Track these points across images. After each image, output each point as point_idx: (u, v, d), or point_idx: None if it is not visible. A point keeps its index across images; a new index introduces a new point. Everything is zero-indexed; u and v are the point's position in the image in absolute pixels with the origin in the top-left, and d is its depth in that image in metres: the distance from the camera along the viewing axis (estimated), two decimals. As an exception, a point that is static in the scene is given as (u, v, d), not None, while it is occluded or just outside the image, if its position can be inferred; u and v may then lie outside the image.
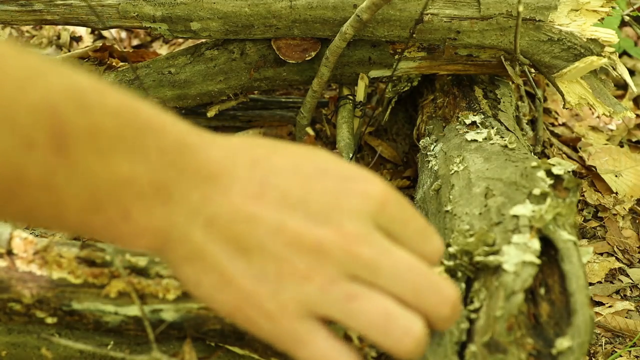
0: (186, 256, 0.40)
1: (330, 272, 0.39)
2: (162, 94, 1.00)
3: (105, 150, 0.36)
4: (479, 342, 0.55)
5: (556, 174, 0.66)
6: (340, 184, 0.41)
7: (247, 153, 0.41)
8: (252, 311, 0.40)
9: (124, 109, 0.37)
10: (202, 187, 0.39)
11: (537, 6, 0.87)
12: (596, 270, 1.04)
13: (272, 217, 0.39)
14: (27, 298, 0.58)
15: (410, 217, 0.42)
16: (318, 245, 0.39)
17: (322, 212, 0.39)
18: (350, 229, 0.39)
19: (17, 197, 0.35)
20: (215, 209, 0.39)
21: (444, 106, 0.99)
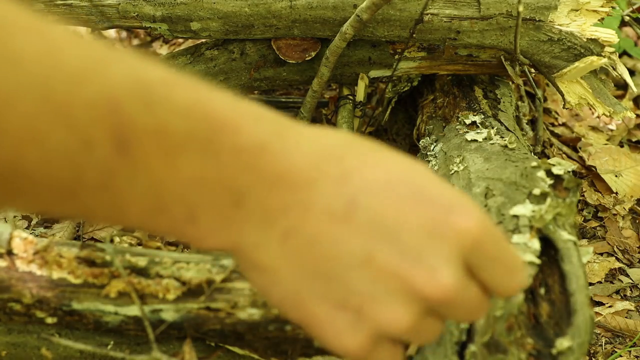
0: (257, 265, 0.37)
1: (413, 316, 0.37)
2: None
3: (171, 150, 0.33)
4: (479, 342, 0.55)
5: (556, 174, 0.66)
6: (437, 213, 0.36)
7: (336, 164, 0.36)
8: (326, 335, 0.38)
9: (195, 106, 0.34)
10: (281, 196, 0.35)
11: (537, 6, 0.87)
12: (596, 270, 1.04)
13: (359, 246, 0.35)
14: (27, 298, 0.58)
15: (501, 254, 0.39)
16: (407, 288, 0.36)
17: (415, 248, 0.36)
18: (444, 277, 0.36)
19: (76, 196, 0.32)
20: (295, 223, 0.35)
21: (444, 106, 0.99)
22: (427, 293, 0.35)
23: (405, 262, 0.35)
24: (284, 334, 0.58)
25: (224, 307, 0.58)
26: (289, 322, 0.57)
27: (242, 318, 0.58)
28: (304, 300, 0.37)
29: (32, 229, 1.00)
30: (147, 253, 0.59)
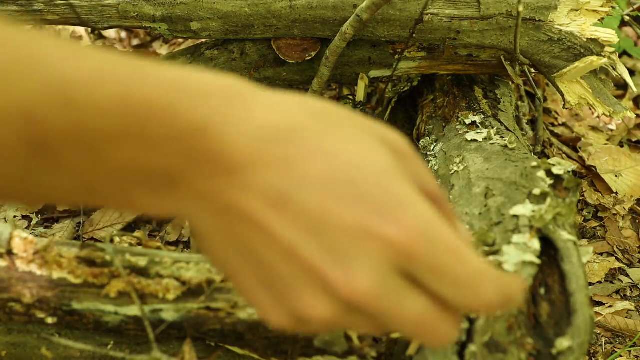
0: (197, 233, 0.38)
1: (333, 312, 0.37)
2: None
3: (95, 146, 0.33)
4: (479, 342, 0.55)
5: (556, 174, 0.66)
6: (371, 218, 0.35)
7: (281, 149, 0.35)
8: (252, 304, 0.39)
9: (124, 99, 0.33)
10: (218, 179, 0.35)
11: (537, 6, 0.87)
12: (596, 270, 1.04)
13: (286, 236, 0.36)
14: (27, 298, 0.58)
15: (447, 267, 0.36)
16: (323, 284, 0.36)
17: (339, 248, 0.36)
18: (362, 281, 0.35)
19: (5, 189, 0.34)
20: (230, 204, 0.36)
21: (444, 106, 0.99)
22: (343, 294, 0.36)
23: (326, 260, 0.36)
24: (284, 333, 0.58)
25: (224, 307, 0.58)
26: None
27: (242, 318, 0.58)
28: (235, 271, 0.38)
29: (32, 229, 1.00)
30: (147, 253, 0.59)
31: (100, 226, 1.01)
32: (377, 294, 0.36)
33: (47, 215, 1.04)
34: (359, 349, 0.58)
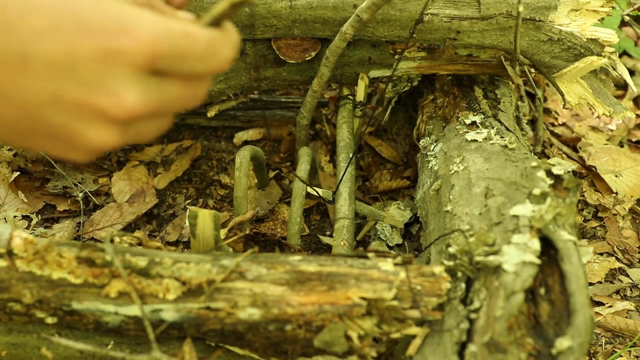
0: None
1: (117, 133, 0.41)
2: None
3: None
4: (479, 342, 0.55)
5: (556, 174, 0.66)
6: (104, 41, 0.39)
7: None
8: (54, 154, 0.43)
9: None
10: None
11: (537, 6, 0.87)
12: (596, 270, 1.04)
13: (43, 88, 0.39)
14: (27, 298, 0.58)
15: (186, 50, 0.41)
16: (101, 112, 0.40)
17: (94, 78, 0.39)
18: (127, 98, 0.39)
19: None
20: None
21: (444, 106, 0.99)
22: (118, 115, 0.40)
23: (88, 93, 0.39)
24: (283, 333, 0.58)
25: (224, 307, 0.58)
26: (289, 322, 0.57)
27: (242, 318, 0.58)
28: (20, 137, 0.41)
29: (32, 229, 1.00)
30: (147, 253, 0.59)
31: (100, 226, 1.01)
32: (143, 100, 0.40)
33: (47, 215, 1.04)
34: (359, 349, 0.58)
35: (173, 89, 0.42)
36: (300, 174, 0.91)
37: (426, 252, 0.75)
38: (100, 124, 0.40)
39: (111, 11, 0.40)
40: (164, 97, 0.42)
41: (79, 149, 0.42)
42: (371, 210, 0.96)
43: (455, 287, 0.60)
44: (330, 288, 0.57)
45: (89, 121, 0.40)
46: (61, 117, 0.40)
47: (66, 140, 0.41)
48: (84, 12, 0.39)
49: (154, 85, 0.41)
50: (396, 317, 0.57)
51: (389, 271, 0.58)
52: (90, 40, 0.38)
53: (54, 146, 0.42)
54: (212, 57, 0.43)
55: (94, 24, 0.39)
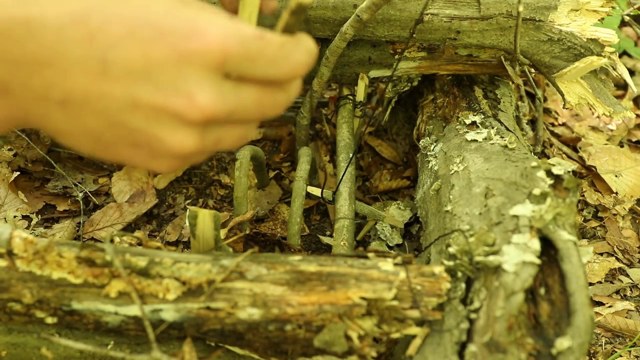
0: (56, 131, 0.43)
1: (195, 138, 0.42)
2: None
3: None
4: (479, 342, 0.55)
5: (556, 174, 0.66)
6: (179, 46, 0.40)
7: (79, 30, 0.40)
8: (139, 165, 0.44)
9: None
10: (40, 75, 0.40)
11: (537, 6, 0.87)
12: (596, 270, 1.04)
13: (122, 94, 0.40)
14: (27, 298, 0.58)
15: (258, 53, 0.42)
16: (178, 115, 0.41)
17: (168, 81, 0.40)
18: (201, 98, 0.41)
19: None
20: (63, 93, 0.40)
21: (444, 106, 0.99)
22: (195, 116, 0.41)
23: (164, 95, 0.40)
24: (283, 333, 0.58)
25: (224, 307, 0.58)
26: (289, 322, 0.57)
27: (242, 318, 0.58)
28: (104, 147, 0.43)
29: (32, 229, 1.00)
30: (147, 253, 0.59)
31: (100, 226, 1.01)
32: (218, 101, 0.41)
33: (47, 215, 1.04)
34: (358, 349, 0.58)
35: (249, 94, 0.43)
36: (300, 174, 0.91)
37: (426, 252, 0.75)
38: (178, 126, 0.41)
39: (183, 15, 0.41)
40: (240, 101, 0.43)
41: (161, 156, 0.43)
42: (371, 210, 0.96)
43: (455, 287, 0.60)
44: (330, 288, 0.57)
45: (167, 124, 0.41)
46: (140, 122, 0.41)
47: (147, 146, 0.43)
48: (157, 19, 0.41)
49: (228, 88, 0.42)
50: (396, 317, 0.57)
51: (389, 271, 0.58)
52: (163, 44, 0.40)
53: (136, 155, 0.43)
54: (285, 60, 0.43)
55: (167, 29, 0.40)
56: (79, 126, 0.42)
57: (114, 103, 0.41)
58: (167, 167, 0.44)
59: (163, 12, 0.41)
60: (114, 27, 0.40)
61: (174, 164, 0.44)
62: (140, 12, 0.41)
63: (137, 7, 0.41)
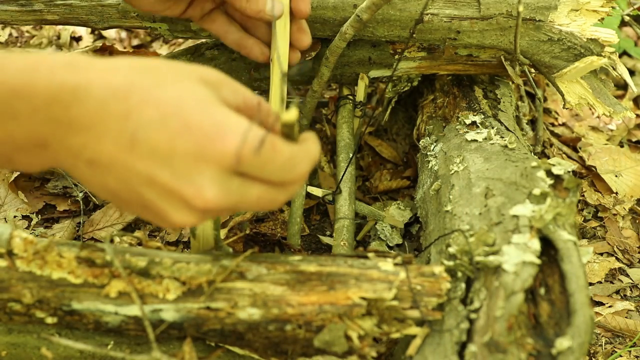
0: (80, 179, 0.49)
1: (198, 219, 0.48)
2: None
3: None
4: (479, 342, 0.55)
5: (556, 174, 0.66)
6: (200, 141, 0.45)
7: (119, 105, 0.45)
8: (146, 220, 0.52)
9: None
10: (77, 136, 0.45)
11: (537, 6, 0.87)
12: (596, 270, 1.04)
13: (143, 169, 0.46)
14: (27, 298, 0.58)
15: (268, 161, 0.47)
16: (185, 200, 0.46)
17: (184, 170, 0.46)
18: (208, 193, 0.46)
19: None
20: (93, 154, 0.46)
21: (444, 106, 0.99)
22: (199, 206, 0.46)
23: (178, 181, 0.46)
24: (283, 333, 0.58)
25: (224, 307, 0.58)
26: (289, 322, 0.57)
27: (242, 318, 0.58)
28: (119, 202, 0.49)
29: (32, 229, 1.00)
30: (147, 253, 0.59)
31: (100, 226, 1.01)
32: (222, 198, 0.47)
33: (47, 215, 1.04)
34: (358, 349, 0.58)
35: (253, 191, 0.49)
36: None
37: (426, 252, 0.75)
38: (183, 209, 0.47)
39: (211, 116, 0.46)
40: (242, 198, 0.48)
41: (164, 222, 0.49)
42: (371, 210, 0.96)
43: (455, 287, 0.60)
44: (330, 288, 0.57)
45: (174, 204, 0.47)
46: (153, 196, 0.47)
47: (155, 213, 0.48)
48: (189, 113, 0.46)
49: (236, 186, 0.47)
50: (396, 317, 0.57)
51: (389, 271, 0.58)
52: (188, 138, 0.45)
53: (145, 214, 0.49)
54: (291, 169, 0.49)
55: (195, 125, 0.45)
56: (101, 182, 0.48)
57: (134, 175, 0.46)
58: (168, 228, 0.53)
59: (196, 108, 0.46)
60: (149, 109, 0.45)
61: (175, 228, 0.52)
62: (176, 101, 0.46)
63: (174, 96, 0.46)
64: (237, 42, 0.87)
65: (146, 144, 0.45)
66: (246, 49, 0.87)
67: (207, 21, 0.86)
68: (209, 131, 0.45)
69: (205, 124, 0.45)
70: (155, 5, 0.80)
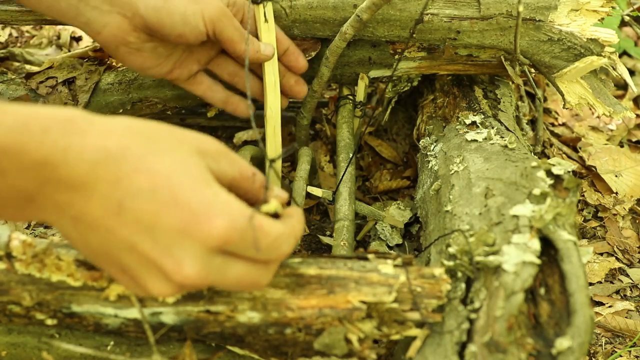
0: (63, 234, 0.49)
1: (175, 291, 0.48)
2: (163, 94, 0.99)
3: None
4: (479, 342, 0.55)
5: (556, 174, 0.66)
6: (187, 218, 0.45)
7: (110, 170, 0.45)
8: (121, 284, 0.51)
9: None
10: (65, 194, 0.45)
11: (537, 6, 0.87)
12: (596, 270, 1.04)
13: (126, 236, 0.46)
14: (26, 301, 0.58)
15: (255, 243, 0.47)
16: (164, 272, 0.46)
17: (167, 243, 0.45)
18: (187, 269, 0.46)
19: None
20: (79, 213, 0.46)
21: (444, 106, 0.99)
22: (177, 280, 0.46)
23: (158, 253, 0.46)
24: (283, 336, 0.58)
25: (224, 311, 0.58)
26: (288, 326, 0.57)
27: (242, 321, 0.57)
28: (99, 261, 0.50)
29: (32, 229, 1.00)
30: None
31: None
32: (202, 275, 0.46)
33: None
34: (358, 352, 0.58)
35: (235, 269, 0.49)
36: (300, 174, 0.91)
37: (426, 252, 0.75)
38: (161, 280, 0.47)
39: (202, 194, 0.46)
40: (223, 277, 0.48)
41: (142, 290, 0.49)
42: (371, 210, 0.96)
43: (455, 288, 0.60)
44: (330, 292, 0.57)
45: (153, 274, 0.47)
46: (132, 263, 0.47)
47: (134, 280, 0.48)
48: (179, 189, 0.46)
49: (217, 264, 0.47)
50: (396, 319, 0.57)
51: (389, 274, 0.58)
52: (174, 214, 0.45)
53: (124, 279, 0.49)
54: (275, 249, 0.50)
55: (183, 202, 0.45)
56: (83, 240, 0.48)
57: (117, 239, 0.46)
58: (146, 296, 0.52)
59: (186, 183, 0.46)
60: (140, 178, 0.45)
61: (150, 297, 0.52)
62: (167, 173, 0.46)
63: (167, 167, 0.46)
64: (224, 101, 0.90)
65: (132, 213, 0.45)
66: (232, 106, 0.90)
67: (192, 83, 0.88)
68: (197, 210, 0.45)
69: (193, 202, 0.45)
70: (146, 62, 0.81)
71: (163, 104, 1.00)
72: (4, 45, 1.35)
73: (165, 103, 1.00)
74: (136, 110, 1.01)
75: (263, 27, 0.85)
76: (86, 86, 0.99)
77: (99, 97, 0.99)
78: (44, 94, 0.97)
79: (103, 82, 0.99)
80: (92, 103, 0.98)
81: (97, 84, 0.99)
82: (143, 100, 1.00)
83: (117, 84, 0.99)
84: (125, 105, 1.00)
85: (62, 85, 0.99)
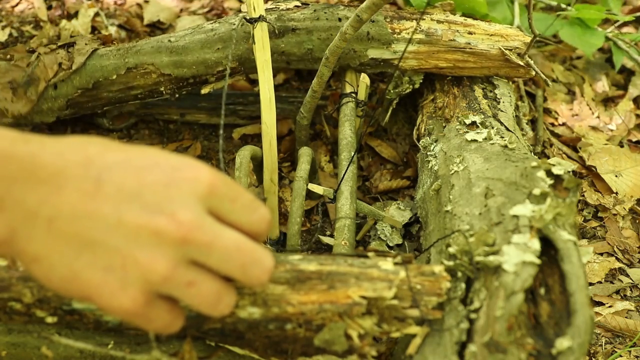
0: (34, 257, 0.43)
1: (169, 261, 0.43)
2: (159, 60, 1.00)
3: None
4: (479, 342, 0.55)
5: (556, 174, 0.66)
6: (171, 173, 0.44)
7: (78, 152, 0.43)
8: (104, 299, 0.44)
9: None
10: (36, 191, 0.42)
11: None
12: (596, 270, 1.04)
13: (110, 212, 0.42)
14: (27, 297, 0.58)
15: (237, 195, 0.47)
16: (156, 235, 0.42)
17: (155, 203, 0.43)
18: (183, 216, 0.43)
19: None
20: (54, 209, 0.42)
21: (444, 106, 0.99)
22: (171, 233, 0.42)
23: (148, 213, 0.43)
24: (284, 332, 0.58)
25: (224, 307, 0.58)
26: (289, 321, 0.57)
27: (243, 317, 0.58)
28: (78, 272, 0.43)
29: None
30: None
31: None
32: (199, 224, 0.43)
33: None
34: (359, 348, 0.58)
35: (228, 234, 0.46)
36: (300, 174, 0.91)
37: (426, 252, 0.75)
38: (153, 245, 0.43)
39: (180, 158, 0.46)
40: (218, 237, 0.45)
41: (130, 283, 0.43)
42: (371, 210, 0.96)
43: (455, 287, 0.60)
44: (330, 287, 0.57)
45: (144, 243, 0.43)
46: (119, 241, 0.42)
47: (120, 269, 0.43)
48: (154, 156, 0.45)
49: (210, 221, 0.45)
50: (396, 316, 0.57)
51: (389, 270, 0.58)
52: (157, 171, 0.44)
53: (106, 283, 0.43)
54: (254, 211, 0.48)
55: (162, 161, 0.45)
56: (57, 249, 0.42)
57: (99, 221, 0.42)
58: (131, 300, 0.43)
59: (160, 153, 0.45)
60: (112, 153, 0.44)
61: (140, 299, 0.44)
62: (137, 149, 0.45)
63: (133, 148, 0.45)
64: None
65: (112, 184, 0.43)
66: None
67: None
68: (179, 165, 0.45)
69: (172, 161, 0.45)
70: None
71: (158, 73, 1.01)
72: (4, 45, 1.35)
73: (160, 69, 1.00)
74: (130, 79, 1.01)
75: (257, 46, 0.86)
76: (84, 49, 1.01)
77: (95, 61, 1.01)
78: (42, 52, 0.99)
79: (102, 50, 1.02)
80: (87, 66, 1.00)
81: (95, 50, 1.02)
82: (138, 66, 1.00)
83: (115, 50, 1.02)
84: (119, 70, 1.00)
85: (62, 48, 1.02)
